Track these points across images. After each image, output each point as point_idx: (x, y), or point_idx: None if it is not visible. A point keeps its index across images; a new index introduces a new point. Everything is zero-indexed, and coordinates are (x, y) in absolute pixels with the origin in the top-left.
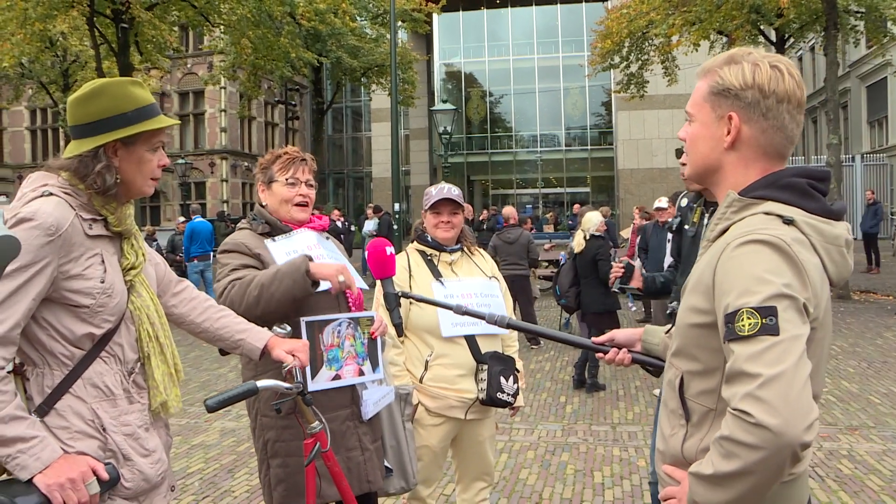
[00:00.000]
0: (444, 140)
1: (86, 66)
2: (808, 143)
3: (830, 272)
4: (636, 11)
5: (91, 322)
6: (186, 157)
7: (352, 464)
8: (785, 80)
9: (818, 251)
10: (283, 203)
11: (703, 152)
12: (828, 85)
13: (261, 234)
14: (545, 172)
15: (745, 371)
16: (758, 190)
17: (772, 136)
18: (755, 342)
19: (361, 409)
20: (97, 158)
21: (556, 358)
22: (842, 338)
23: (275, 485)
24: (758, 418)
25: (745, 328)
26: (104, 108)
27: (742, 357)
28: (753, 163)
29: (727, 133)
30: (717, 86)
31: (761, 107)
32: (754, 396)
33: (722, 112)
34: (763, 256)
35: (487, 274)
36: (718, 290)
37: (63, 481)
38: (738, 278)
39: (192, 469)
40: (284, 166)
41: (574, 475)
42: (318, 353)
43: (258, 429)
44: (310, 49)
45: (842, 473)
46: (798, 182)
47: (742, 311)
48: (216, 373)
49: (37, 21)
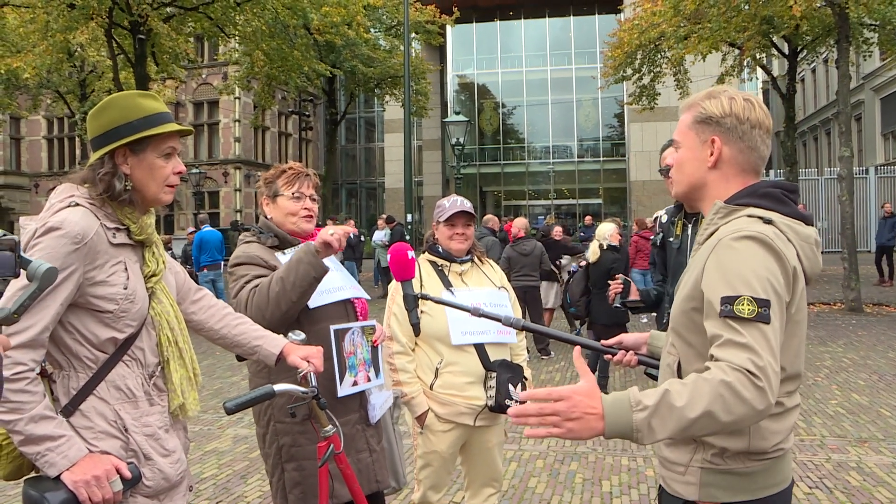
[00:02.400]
0: (456, 151)
1: (103, 76)
2: (821, 156)
3: (805, 266)
4: (648, 23)
5: (114, 327)
6: (200, 167)
7: (361, 465)
8: (756, 110)
9: (795, 246)
10: (289, 216)
11: (689, 172)
12: (840, 97)
13: (270, 248)
14: (557, 184)
15: (749, 346)
16: (740, 198)
17: (748, 155)
18: (752, 326)
19: (369, 413)
20: (103, 165)
21: (566, 369)
22: (853, 350)
23: (290, 488)
24: (763, 385)
25: (745, 311)
26: (113, 118)
27: (744, 334)
28: (733, 178)
29: (710, 154)
30: (700, 115)
31: (738, 131)
32: (760, 369)
33: (705, 137)
34: (755, 251)
35: (496, 284)
36: (712, 276)
37: (89, 478)
38: (736, 268)
39: (206, 474)
40: (290, 181)
41: (583, 484)
42: (341, 360)
43: (270, 434)
44: (324, 60)
45: (850, 485)
46: (774, 191)
47: (744, 297)
48: (229, 381)
49: (58, 33)
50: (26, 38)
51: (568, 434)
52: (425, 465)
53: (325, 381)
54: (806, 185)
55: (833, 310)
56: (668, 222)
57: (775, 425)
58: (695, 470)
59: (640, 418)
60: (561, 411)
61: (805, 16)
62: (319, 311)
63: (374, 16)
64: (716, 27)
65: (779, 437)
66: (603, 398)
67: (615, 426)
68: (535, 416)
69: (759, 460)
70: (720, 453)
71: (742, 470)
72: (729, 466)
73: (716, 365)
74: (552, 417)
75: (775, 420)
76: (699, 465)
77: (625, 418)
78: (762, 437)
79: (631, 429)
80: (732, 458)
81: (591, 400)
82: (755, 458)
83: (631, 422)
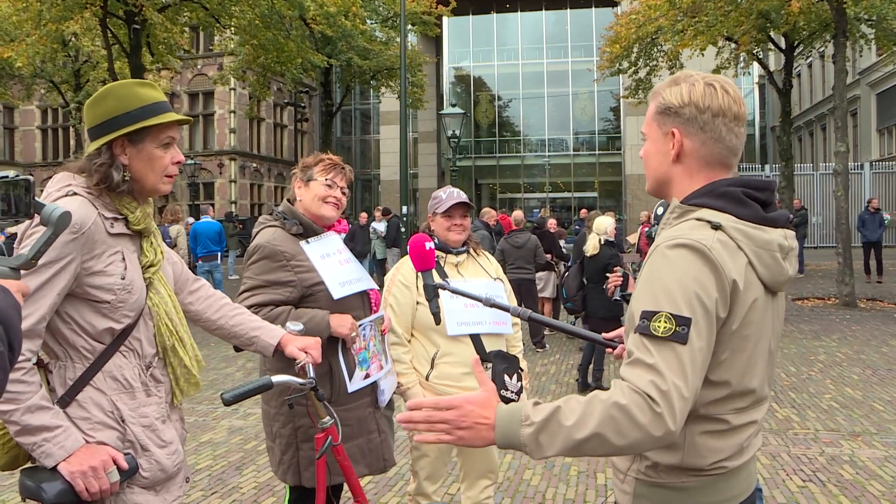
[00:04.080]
0: (452, 143)
1: (97, 66)
2: (816, 151)
3: (762, 275)
4: (645, 17)
5: (111, 317)
6: (195, 158)
7: (372, 445)
8: (719, 96)
9: (747, 254)
10: (317, 199)
11: (653, 166)
12: (836, 92)
13: (294, 235)
14: (553, 177)
15: (655, 367)
16: (696, 198)
17: (711, 148)
18: (665, 345)
19: (378, 398)
20: (99, 155)
21: (561, 361)
22: (847, 345)
23: (306, 466)
24: (663, 413)
25: (659, 329)
26: (110, 108)
27: (654, 354)
28: (697, 173)
29: (672, 147)
30: (660, 105)
31: (699, 121)
32: (663, 393)
33: (666, 129)
34: (688, 261)
35: (492, 276)
36: (640, 286)
37: (85, 469)
38: (663, 279)
39: (201, 466)
40: (326, 169)
41: (577, 476)
42: (350, 358)
43: (286, 415)
44: (320, 51)
45: (843, 479)
46: (733, 191)
47: (662, 313)
48: (223, 372)
49: (51, 22)
50: (19, 26)
51: (459, 441)
52: (421, 455)
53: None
54: (801, 181)
55: (827, 304)
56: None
57: (716, 443)
58: (630, 479)
59: (527, 433)
60: (450, 419)
61: (803, 11)
62: (343, 302)
63: (371, 6)
64: (712, 21)
65: (719, 455)
66: (498, 409)
67: (505, 438)
68: (423, 423)
69: (695, 476)
70: (654, 466)
71: (676, 485)
72: (662, 480)
73: (617, 384)
74: (441, 425)
75: (716, 437)
76: (634, 475)
77: (514, 431)
78: (698, 455)
79: (520, 442)
80: (666, 472)
81: (485, 410)
82: (691, 473)
83: (519, 435)
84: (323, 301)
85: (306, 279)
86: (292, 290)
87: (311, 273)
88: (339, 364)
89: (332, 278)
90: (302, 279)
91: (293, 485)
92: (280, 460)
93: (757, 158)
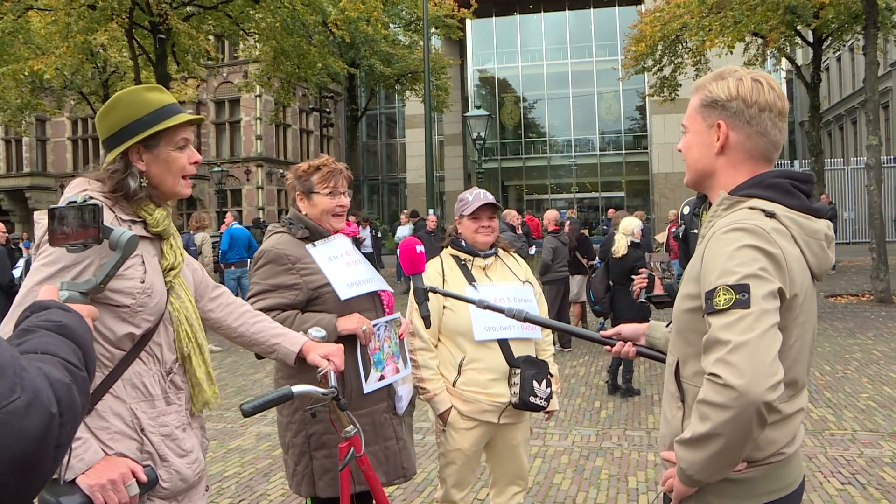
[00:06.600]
0: (477, 146)
1: (125, 76)
2: (847, 145)
3: (811, 263)
4: (670, 15)
5: (131, 322)
6: (222, 165)
7: (389, 452)
8: (765, 91)
9: (798, 242)
10: (325, 214)
11: (696, 157)
12: (867, 84)
13: (300, 239)
14: (580, 177)
15: (719, 339)
16: (745, 189)
17: (756, 141)
18: (728, 314)
19: (396, 404)
20: (116, 165)
21: (590, 363)
22: (883, 342)
23: (320, 475)
24: (725, 379)
25: (720, 303)
26: (121, 117)
27: (717, 327)
28: (741, 165)
29: (717, 139)
30: (706, 99)
31: (745, 115)
32: (724, 361)
33: (711, 121)
34: (745, 242)
35: (521, 278)
36: (704, 272)
37: (105, 482)
38: (720, 260)
39: (229, 473)
40: (325, 178)
41: (608, 480)
42: (366, 357)
43: (298, 423)
44: (343, 56)
45: (884, 481)
46: (781, 182)
47: (719, 287)
48: (252, 378)
49: (79, 34)
50: (49, 39)
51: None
52: (448, 462)
53: (352, 380)
54: (832, 175)
55: (861, 301)
56: (691, 214)
57: (772, 433)
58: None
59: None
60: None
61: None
62: (351, 303)
63: (393, 11)
64: (739, 17)
65: (777, 446)
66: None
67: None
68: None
69: (757, 467)
70: None
71: (739, 477)
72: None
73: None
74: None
75: (772, 428)
76: None
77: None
78: (757, 447)
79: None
80: None
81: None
82: (752, 465)
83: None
84: (331, 303)
85: (312, 281)
86: (298, 292)
87: (317, 275)
88: (357, 363)
89: (340, 279)
90: (308, 282)
91: (307, 496)
92: (294, 471)
93: (786, 154)
